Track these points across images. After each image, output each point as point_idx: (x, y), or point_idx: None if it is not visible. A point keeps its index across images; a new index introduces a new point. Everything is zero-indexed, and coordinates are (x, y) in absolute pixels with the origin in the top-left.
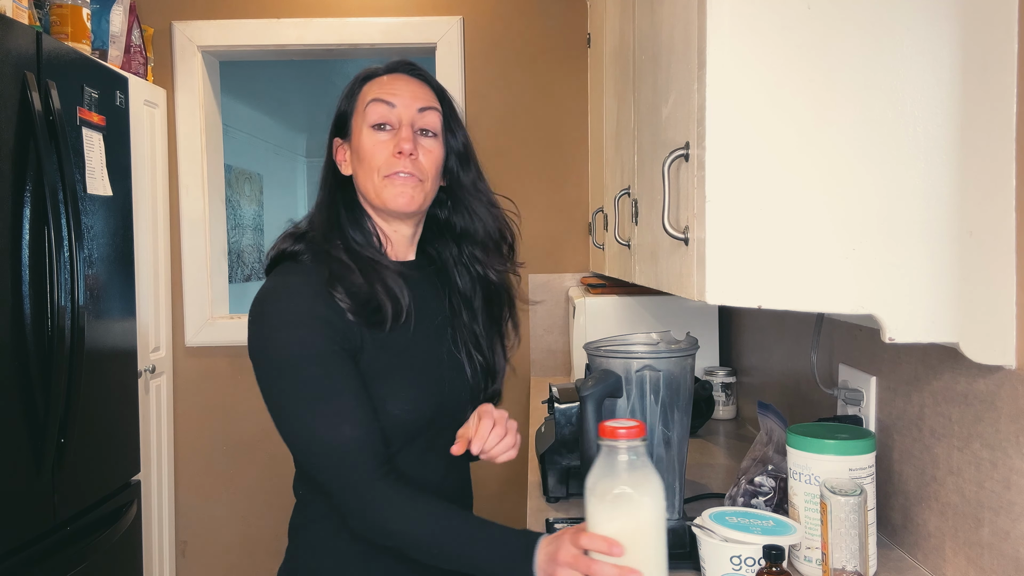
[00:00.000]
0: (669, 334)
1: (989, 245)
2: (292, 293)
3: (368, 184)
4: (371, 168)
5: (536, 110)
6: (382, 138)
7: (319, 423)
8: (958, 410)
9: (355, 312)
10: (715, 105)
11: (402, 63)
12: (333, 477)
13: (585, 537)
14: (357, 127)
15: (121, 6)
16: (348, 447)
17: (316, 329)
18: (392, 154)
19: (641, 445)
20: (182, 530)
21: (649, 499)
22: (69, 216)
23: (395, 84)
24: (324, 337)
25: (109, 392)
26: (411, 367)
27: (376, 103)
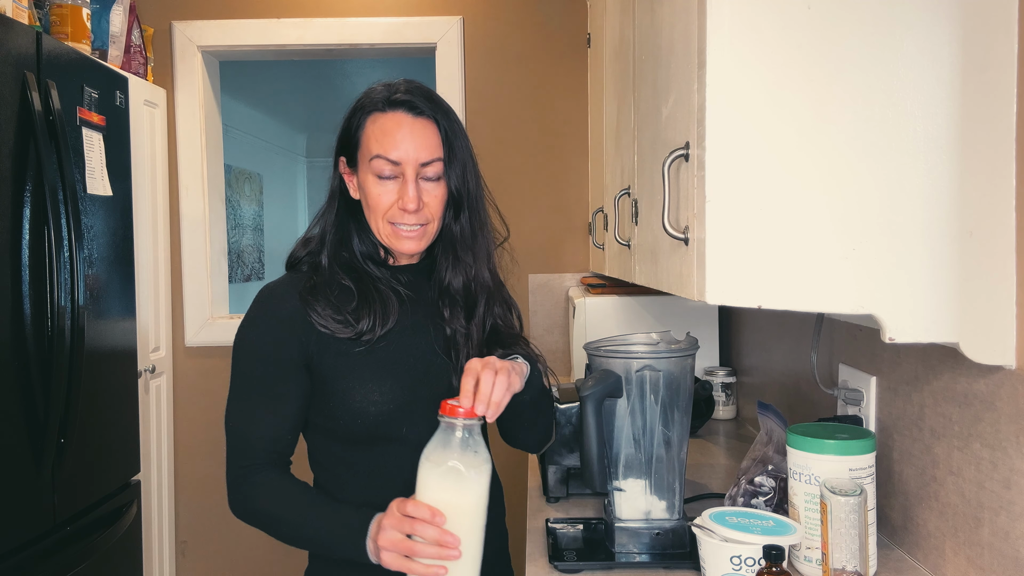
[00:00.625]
0: (669, 334)
1: (989, 245)
2: (269, 295)
3: (375, 225)
4: (376, 215)
5: (536, 110)
6: (388, 187)
7: (235, 414)
8: (958, 410)
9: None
10: (715, 105)
11: (402, 101)
12: (229, 463)
13: (411, 504)
14: (362, 167)
15: (121, 6)
16: (246, 439)
17: (269, 331)
18: (398, 206)
19: (476, 425)
20: (182, 530)
21: (476, 478)
22: (69, 216)
23: (399, 132)
24: (273, 340)
25: (109, 392)
26: (382, 364)
27: (380, 160)
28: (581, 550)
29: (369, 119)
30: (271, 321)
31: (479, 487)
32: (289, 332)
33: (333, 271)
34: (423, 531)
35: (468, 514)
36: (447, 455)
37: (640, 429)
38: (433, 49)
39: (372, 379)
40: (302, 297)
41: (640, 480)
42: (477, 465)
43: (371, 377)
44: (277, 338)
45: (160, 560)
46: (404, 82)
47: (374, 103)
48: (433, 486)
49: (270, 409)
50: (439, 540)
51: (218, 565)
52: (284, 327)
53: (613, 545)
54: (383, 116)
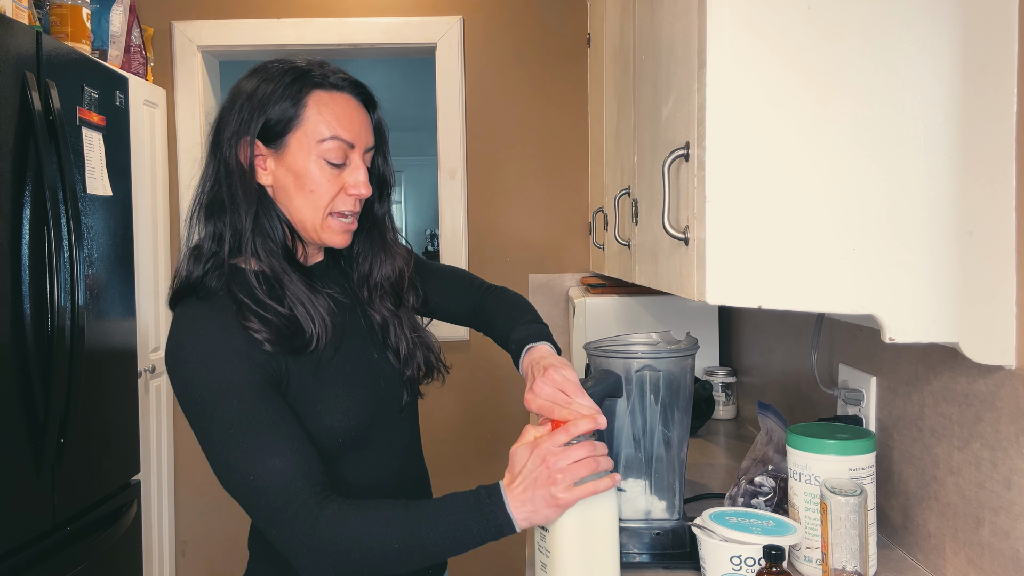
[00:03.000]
0: (669, 334)
1: (989, 245)
2: (202, 330)
3: (306, 216)
4: (316, 203)
5: (536, 110)
6: (335, 173)
7: (247, 461)
8: (958, 410)
9: (273, 341)
10: (715, 105)
11: (357, 83)
12: (270, 514)
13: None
14: (299, 147)
15: (121, 6)
16: (281, 479)
17: (234, 362)
18: (346, 191)
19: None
20: (182, 530)
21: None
22: (69, 216)
23: (354, 114)
24: (244, 369)
25: (109, 392)
26: (341, 377)
27: (336, 142)
28: None
29: (313, 95)
30: (227, 354)
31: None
32: (249, 361)
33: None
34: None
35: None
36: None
37: (640, 429)
38: (433, 49)
39: (343, 394)
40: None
41: (640, 480)
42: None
43: (342, 392)
44: (248, 367)
45: (160, 560)
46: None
47: (316, 77)
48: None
49: (283, 442)
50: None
51: (218, 565)
52: (243, 357)
53: None
54: (331, 96)
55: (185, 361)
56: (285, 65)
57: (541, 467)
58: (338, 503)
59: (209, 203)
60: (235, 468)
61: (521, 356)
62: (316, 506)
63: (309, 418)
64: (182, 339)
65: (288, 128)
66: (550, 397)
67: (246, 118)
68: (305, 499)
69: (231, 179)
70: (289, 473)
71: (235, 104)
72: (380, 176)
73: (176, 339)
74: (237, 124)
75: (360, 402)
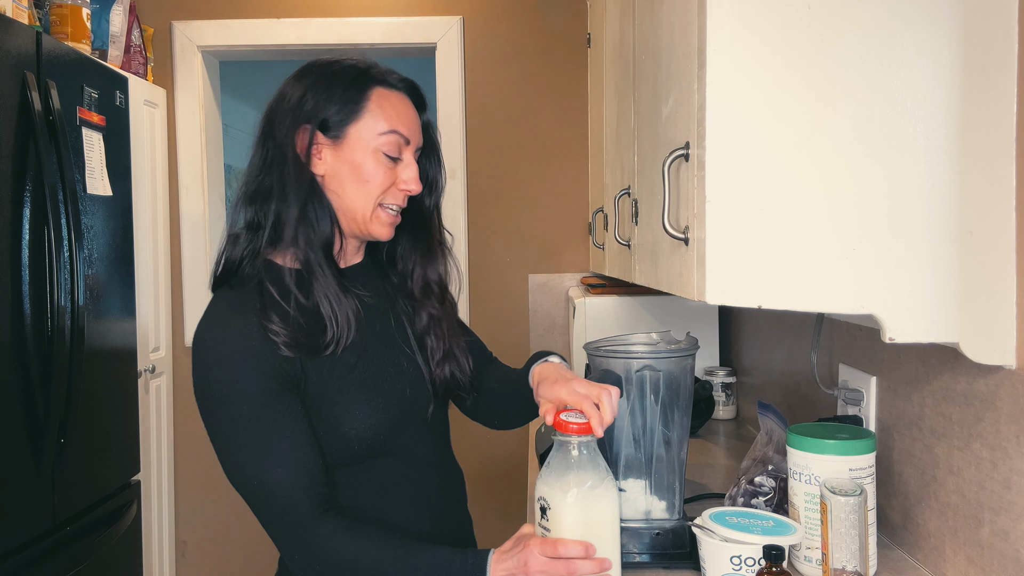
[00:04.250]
0: (669, 334)
1: (989, 245)
2: (226, 327)
3: (357, 205)
4: (369, 194)
5: (536, 110)
6: (391, 166)
7: (252, 465)
8: (958, 410)
9: (291, 344)
10: (715, 105)
11: (415, 86)
12: (269, 520)
13: (559, 544)
14: (358, 139)
15: (121, 6)
16: (281, 489)
17: (249, 366)
18: (397, 187)
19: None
20: (182, 530)
21: (610, 488)
22: (69, 216)
23: (410, 114)
24: (258, 374)
25: (109, 392)
26: (363, 384)
27: (395, 136)
28: None
29: (375, 91)
30: (244, 355)
31: (614, 495)
32: (265, 365)
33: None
34: (580, 569)
35: (611, 528)
36: (578, 476)
37: (640, 429)
38: (433, 49)
39: (361, 401)
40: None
41: (640, 480)
42: (604, 476)
43: (360, 399)
44: (264, 371)
45: (160, 560)
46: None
47: (377, 74)
48: (571, 512)
49: (289, 451)
50: (596, 570)
51: (218, 565)
52: (259, 360)
53: None
54: (392, 93)
55: (205, 353)
56: (346, 62)
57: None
58: (334, 523)
59: (256, 190)
60: (239, 470)
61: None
62: (311, 520)
63: (325, 422)
64: (208, 330)
65: (349, 119)
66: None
67: (308, 107)
68: (303, 511)
69: (284, 166)
70: (290, 484)
71: (290, 96)
72: (430, 177)
73: (203, 328)
74: (296, 113)
75: (379, 410)
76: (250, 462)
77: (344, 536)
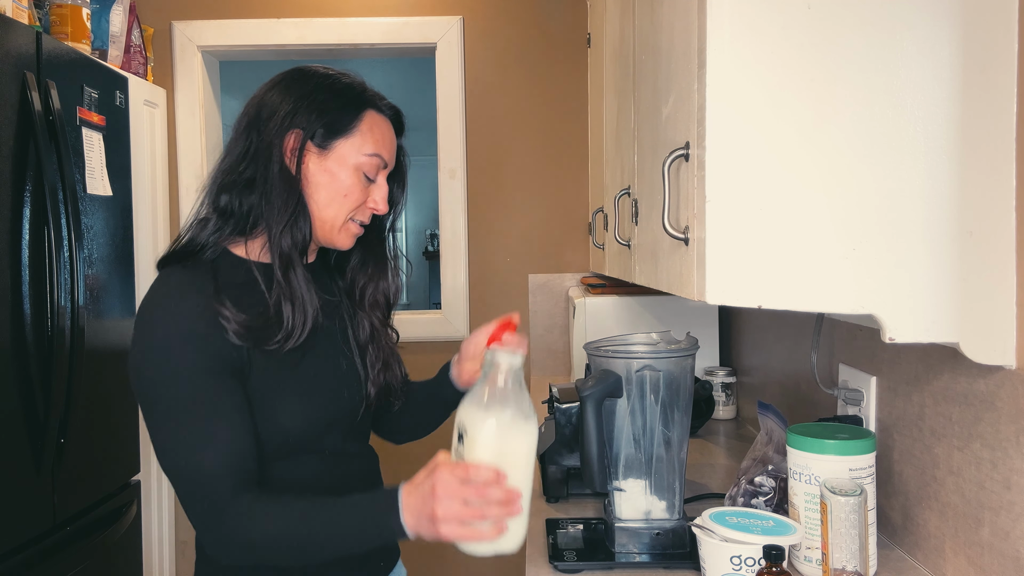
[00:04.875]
0: (669, 334)
1: (989, 245)
2: (175, 305)
3: (328, 213)
4: (342, 206)
5: (536, 110)
6: (365, 184)
7: (181, 447)
8: (958, 410)
9: (241, 333)
10: (715, 105)
11: (399, 112)
12: (191, 502)
13: (471, 468)
14: (344, 154)
15: (121, 6)
16: (207, 472)
17: (195, 347)
18: (367, 205)
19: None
20: (182, 530)
21: (533, 421)
22: (69, 216)
23: (391, 139)
24: (203, 355)
25: (109, 392)
26: (305, 379)
27: (377, 159)
28: (581, 550)
29: (367, 113)
30: (188, 337)
31: (533, 431)
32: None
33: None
34: (489, 494)
35: (524, 462)
36: (500, 407)
37: (640, 429)
38: (433, 49)
39: (300, 396)
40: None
41: (640, 480)
42: (527, 412)
43: (300, 394)
44: (207, 352)
45: (160, 560)
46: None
47: (372, 98)
48: (487, 440)
49: (224, 424)
50: (505, 500)
51: None
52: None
53: (613, 545)
54: (380, 118)
55: (149, 328)
56: (345, 79)
57: (431, 494)
58: (251, 497)
59: (234, 180)
60: (170, 452)
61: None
62: (232, 499)
63: (264, 412)
64: (152, 308)
65: (340, 135)
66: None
67: (303, 113)
68: (223, 492)
69: (269, 164)
70: (218, 466)
71: (288, 95)
72: (393, 198)
73: (147, 304)
74: (290, 114)
75: (319, 407)
76: (184, 443)
77: (259, 506)
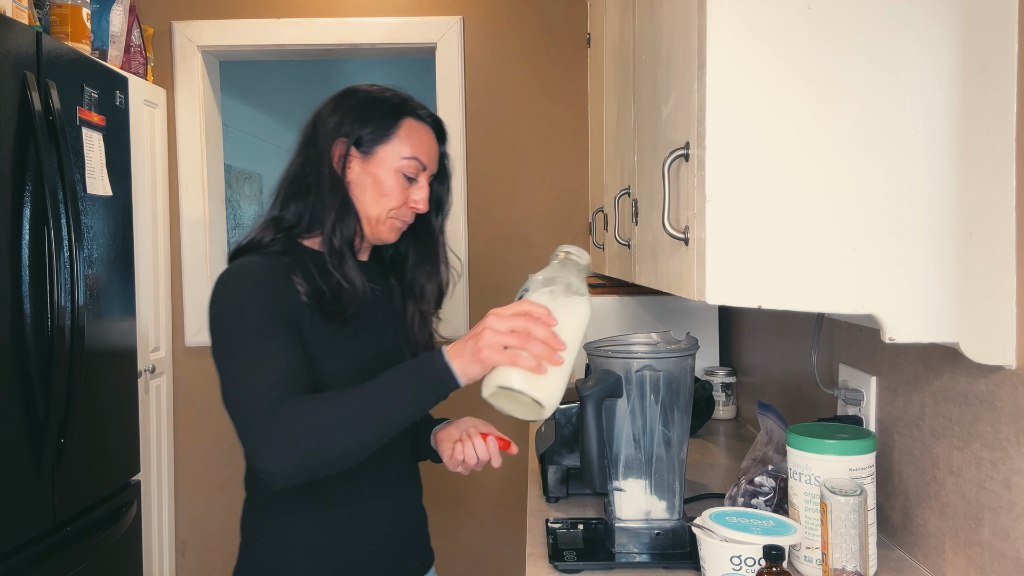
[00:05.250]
0: (669, 334)
1: (989, 245)
2: (249, 270)
3: (372, 211)
4: (384, 204)
5: (536, 110)
6: (405, 185)
7: (243, 370)
8: (958, 410)
9: (311, 295)
10: (715, 105)
11: (440, 121)
12: (238, 421)
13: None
14: (384, 158)
15: (121, 6)
16: (254, 392)
17: (264, 294)
18: (407, 204)
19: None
20: (182, 530)
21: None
22: (69, 216)
23: (431, 145)
24: (271, 302)
25: (109, 392)
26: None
27: (415, 161)
28: (581, 550)
29: (406, 121)
30: (264, 290)
31: (586, 308)
32: (281, 300)
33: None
34: (535, 328)
35: (574, 335)
36: (562, 276)
37: (640, 429)
38: (433, 49)
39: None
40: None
41: (640, 480)
42: (584, 291)
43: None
44: (274, 303)
45: (160, 560)
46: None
47: (411, 107)
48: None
49: (282, 355)
50: (548, 339)
51: (218, 565)
52: (276, 294)
53: (613, 545)
54: (419, 125)
55: (229, 280)
56: (387, 92)
57: (480, 324)
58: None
59: (295, 184)
60: (232, 378)
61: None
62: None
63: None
64: (234, 270)
65: (380, 141)
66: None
67: (348, 123)
68: (275, 399)
69: (320, 169)
70: (274, 381)
71: (337, 109)
72: (437, 197)
73: (223, 276)
74: (337, 126)
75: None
76: (243, 367)
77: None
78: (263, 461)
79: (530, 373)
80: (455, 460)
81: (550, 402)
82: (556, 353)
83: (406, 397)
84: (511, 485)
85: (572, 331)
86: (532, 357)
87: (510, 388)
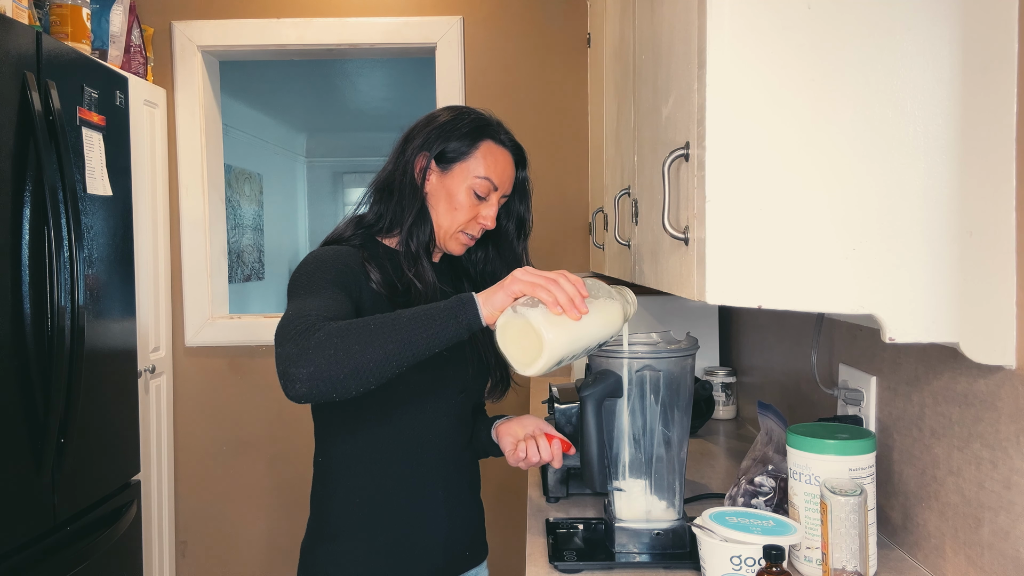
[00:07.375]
0: (669, 334)
1: (989, 245)
2: (326, 252)
3: (444, 222)
4: (455, 218)
5: (536, 110)
6: (476, 202)
7: (289, 309)
8: (958, 410)
9: (381, 283)
10: (715, 105)
11: (521, 148)
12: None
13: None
14: (459, 174)
15: (121, 6)
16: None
17: (332, 268)
18: (477, 219)
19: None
20: (182, 530)
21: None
22: (69, 216)
23: (507, 168)
24: (335, 272)
25: (109, 392)
26: None
27: (487, 181)
28: (581, 550)
29: (484, 143)
30: (336, 264)
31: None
32: (353, 278)
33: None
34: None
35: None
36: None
37: (640, 429)
38: (433, 49)
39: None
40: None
41: (640, 480)
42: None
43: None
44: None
45: (160, 560)
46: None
47: (491, 131)
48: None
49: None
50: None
51: (218, 565)
52: (347, 274)
53: (613, 545)
54: (497, 148)
55: (302, 263)
56: (473, 114)
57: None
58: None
59: (381, 190)
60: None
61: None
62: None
63: None
64: (308, 256)
65: (458, 158)
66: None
67: (432, 139)
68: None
69: (404, 179)
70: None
71: (428, 126)
72: (519, 217)
73: (304, 258)
74: (423, 140)
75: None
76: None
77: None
78: (288, 364)
79: (547, 311)
80: (517, 456)
81: (551, 347)
82: (576, 308)
83: (428, 320)
84: (511, 485)
85: (599, 323)
86: (553, 294)
87: (525, 315)
